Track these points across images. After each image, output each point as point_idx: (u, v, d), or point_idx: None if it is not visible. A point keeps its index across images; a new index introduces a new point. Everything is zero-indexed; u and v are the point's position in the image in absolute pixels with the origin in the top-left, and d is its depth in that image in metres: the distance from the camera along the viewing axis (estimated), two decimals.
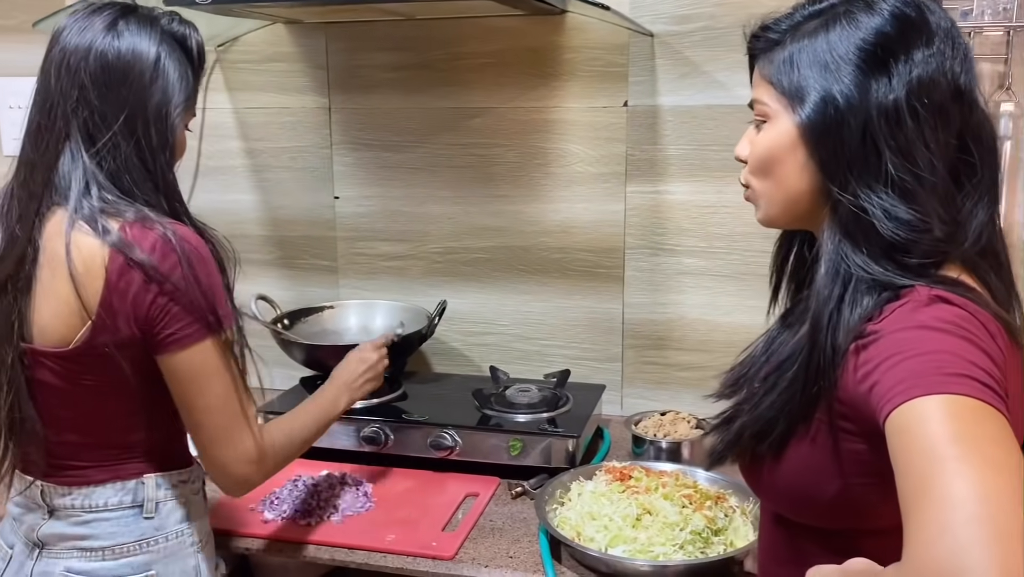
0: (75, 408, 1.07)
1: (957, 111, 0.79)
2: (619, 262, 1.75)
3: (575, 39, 1.69)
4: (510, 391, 1.63)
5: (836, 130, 0.79)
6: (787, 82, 0.82)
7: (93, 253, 1.00)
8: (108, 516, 1.10)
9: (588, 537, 1.21)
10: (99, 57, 1.02)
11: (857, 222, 0.79)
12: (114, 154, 1.02)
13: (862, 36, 0.79)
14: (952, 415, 0.64)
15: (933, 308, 0.73)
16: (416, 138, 1.82)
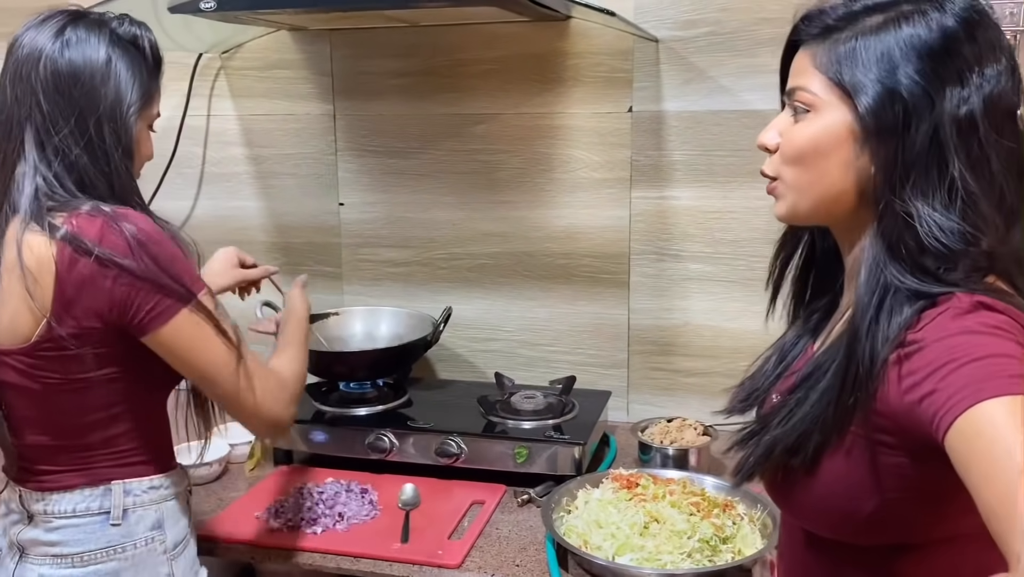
0: (40, 407, 1.08)
1: (1011, 129, 0.77)
2: (624, 268, 1.75)
3: (579, 45, 1.69)
4: (515, 398, 1.62)
5: (901, 131, 0.76)
6: (848, 75, 0.79)
7: (42, 249, 1.01)
8: (76, 522, 1.10)
9: (595, 545, 1.21)
10: (49, 64, 1.04)
11: (905, 230, 0.76)
12: (65, 156, 1.04)
13: (934, 36, 0.76)
14: (1012, 417, 0.63)
15: (977, 314, 0.72)
16: (420, 144, 1.82)
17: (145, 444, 1.13)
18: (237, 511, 1.41)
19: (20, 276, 1.02)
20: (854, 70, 0.78)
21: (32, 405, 1.08)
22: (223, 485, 1.54)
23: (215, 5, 1.41)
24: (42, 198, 1.03)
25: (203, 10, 1.42)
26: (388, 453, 1.52)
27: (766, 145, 0.87)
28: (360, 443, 1.54)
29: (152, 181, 1.92)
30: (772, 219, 1.70)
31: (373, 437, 1.53)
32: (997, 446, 0.63)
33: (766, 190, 0.89)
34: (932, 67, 0.75)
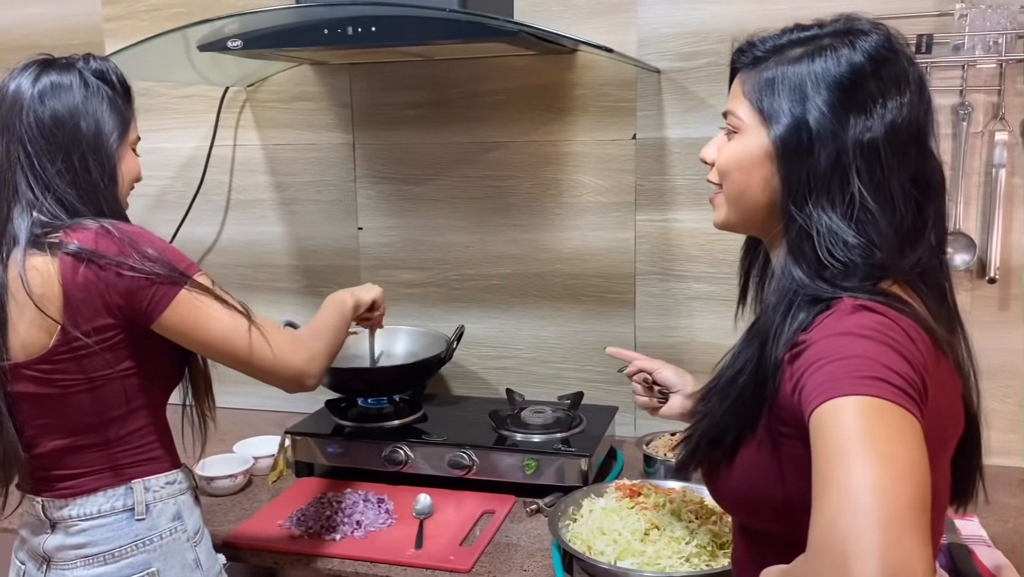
0: (58, 412, 1.15)
1: (915, 155, 0.85)
2: (630, 288, 1.82)
3: (585, 76, 1.77)
4: (525, 412, 1.70)
5: (805, 155, 0.85)
6: (766, 103, 0.88)
7: (45, 266, 1.11)
8: (103, 522, 1.17)
9: (598, 551, 1.27)
10: (31, 113, 1.14)
11: (806, 241, 0.85)
12: (55, 190, 1.14)
13: (842, 71, 0.84)
14: (860, 415, 0.70)
15: (856, 316, 0.78)
16: (435, 171, 1.90)
17: (157, 441, 1.22)
18: (261, 519, 1.49)
19: (27, 297, 1.10)
20: (772, 99, 0.88)
21: (50, 411, 1.16)
22: (247, 496, 1.61)
23: (242, 44, 1.51)
24: (37, 229, 1.12)
25: (230, 48, 1.52)
26: (404, 465, 1.60)
27: (705, 158, 0.99)
28: (377, 456, 1.62)
29: (181, 208, 2.02)
30: None
31: (389, 450, 1.61)
32: (825, 440, 0.70)
33: (709, 199, 1.00)
34: (839, 98, 0.84)
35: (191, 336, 1.15)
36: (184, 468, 1.28)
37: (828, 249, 0.83)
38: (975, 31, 1.51)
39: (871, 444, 0.67)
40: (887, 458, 0.66)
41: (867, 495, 0.64)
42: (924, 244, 0.86)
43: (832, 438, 0.70)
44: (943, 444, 0.85)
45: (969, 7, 1.50)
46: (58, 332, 1.11)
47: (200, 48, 1.56)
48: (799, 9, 1.59)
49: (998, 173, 1.57)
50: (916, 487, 0.66)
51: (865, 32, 0.87)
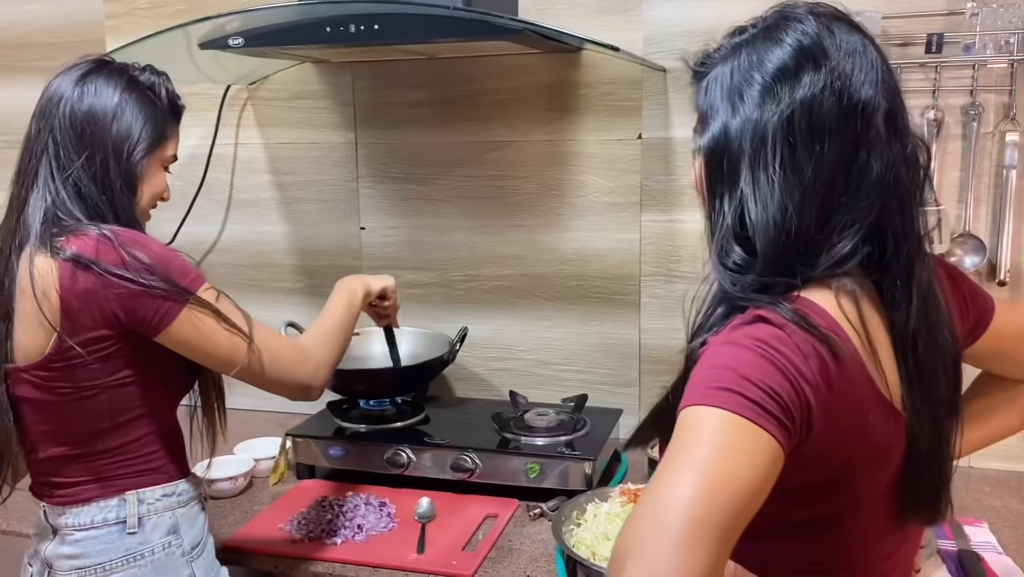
0: (56, 419, 1.14)
1: (851, 131, 0.79)
2: (635, 289, 1.80)
3: (590, 75, 1.75)
4: (529, 415, 1.68)
5: (719, 155, 0.82)
6: (700, 111, 0.86)
7: (46, 268, 1.09)
8: (95, 533, 1.15)
9: (603, 557, 1.25)
10: (67, 105, 1.14)
11: (711, 237, 0.84)
12: (75, 187, 1.13)
13: (761, 66, 0.81)
14: (699, 425, 0.70)
15: (750, 326, 0.76)
16: (438, 171, 1.89)
17: (159, 450, 1.19)
18: (262, 523, 1.47)
19: (32, 297, 1.09)
20: (703, 105, 0.86)
21: (48, 418, 1.14)
22: (248, 498, 1.60)
23: (243, 41, 1.50)
24: (49, 223, 1.11)
25: (231, 46, 1.50)
26: (406, 468, 1.58)
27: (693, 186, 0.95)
28: (379, 458, 1.60)
29: (182, 207, 2.01)
30: None
31: (391, 453, 1.59)
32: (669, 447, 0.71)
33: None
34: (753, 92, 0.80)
35: (192, 349, 1.14)
36: (192, 477, 1.25)
37: (723, 246, 0.81)
38: (986, 30, 1.49)
39: (694, 455, 0.68)
40: (701, 470, 0.67)
41: (665, 504, 0.66)
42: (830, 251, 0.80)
43: (674, 444, 0.71)
44: (857, 461, 0.80)
45: (980, 6, 1.48)
46: (54, 339, 1.10)
47: (201, 46, 1.55)
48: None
49: (1008, 174, 1.55)
50: (722, 504, 0.66)
51: (790, 21, 0.82)
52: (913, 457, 0.84)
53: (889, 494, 0.85)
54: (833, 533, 0.83)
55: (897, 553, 0.90)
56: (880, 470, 0.83)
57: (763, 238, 0.79)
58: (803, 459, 0.74)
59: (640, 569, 0.63)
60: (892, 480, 0.84)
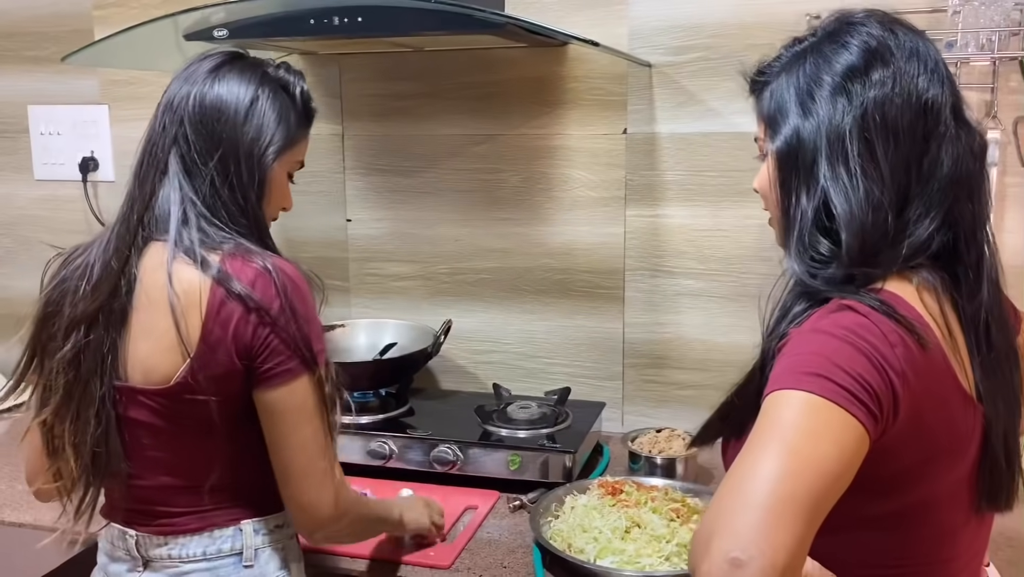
0: (171, 449, 1.06)
1: (921, 126, 0.84)
2: (619, 283, 1.81)
3: (576, 69, 1.76)
4: (511, 408, 1.69)
5: (793, 156, 0.86)
6: (768, 117, 0.90)
7: (193, 285, 1.01)
8: (207, 566, 1.08)
9: (578, 548, 1.26)
10: (198, 97, 1.07)
11: (791, 234, 0.87)
12: (211, 189, 1.05)
13: (830, 68, 0.85)
14: (790, 408, 0.72)
15: (836, 315, 0.79)
16: (425, 163, 1.89)
17: (267, 483, 1.09)
18: None
19: (167, 311, 1.00)
20: (771, 111, 0.89)
21: (164, 445, 1.06)
22: None
23: (227, 33, 1.50)
24: (192, 228, 1.03)
25: (216, 38, 1.50)
26: (388, 459, 1.59)
27: (755, 188, 0.97)
28: (361, 450, 1.61)
29: None
30: (761, 237, 1.78)
31: (374, 444, 1.60)
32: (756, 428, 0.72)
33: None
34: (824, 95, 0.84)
35: (275, 420, 1.04)
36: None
37: (807, 240, 0.84)
38: (968, 28, 1.49)
39: (785, 436, 0.70)
40: (791, 451, 0.69)
41: (753, 481, 0.67)
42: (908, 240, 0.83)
43: (760, 426, 0.72)
44: (939, 451, 0.82)
45: (963, 4, 1.49)
46: (186, 367, 1.01)
47: (186, 37, 1.55)
48: (790, 3, 1.59)
49: (990, 172, 1.55)
50: (807, 483, 0.67)
51: (852, 25, 0.87)
52: (989, 445, 0.86)
53: (966, 485, 0.86)
54: (910, 527, 0.84)
55: (971, 548, 0.91)
56: (958, 461, 0.84)
57: (848, 228, 0.82)
58: (886, 448, 0.76)
59: (728, 543, 0.65)
60: (968, 471, 0.86)
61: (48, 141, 2.12)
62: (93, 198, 2.10)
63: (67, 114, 2.10)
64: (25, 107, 2.12)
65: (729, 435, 0.93)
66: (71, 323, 1.05)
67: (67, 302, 1.06)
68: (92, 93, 2.07)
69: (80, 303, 1.05)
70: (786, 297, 0.86)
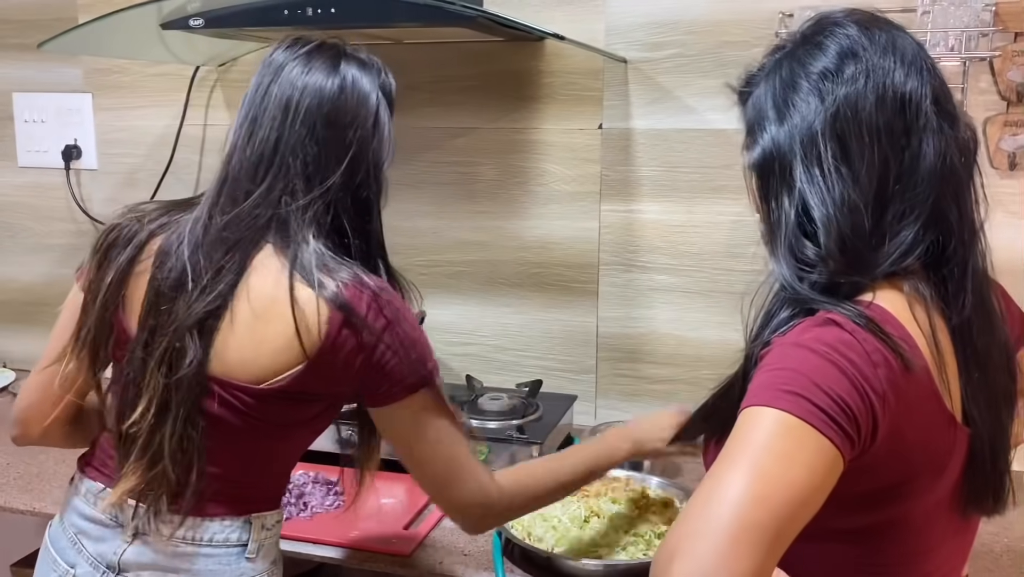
0: (230, 442, 1.03)
1: (900, 122, 0.80)
2: (594, 277, 1.82)
3: (553, 64, 1.77)
4: (482, 399, 1.70)
5: (770, 163, 0.84)
6: (748, 127, 0.89)
7: (311, 306, 0.98)
8: (211, 552, 1.05)
9: (537, 537, 1.28)
10: (331, 100, 1.01)
11: (773, 237, 0.85)
12: (335, 199, 1.02)
13: (805, 71, 0.84)
14: (762, 427, 0.70)
15: (820, 329, 0.76)
16: (403, 156, 1.88)
17: (284, 476, 1.13)
18: None
19: (285, 320, 0.97)
20: (750, 120, 0.88)
21: (221, 438, 1.02)
22: None
23: (203, 22, 1.51)
24: (311, 245, 0.99)
25: (192, 27, 1.52)
26: None
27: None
28: (331, 438, 1.61)
29: (150, 187, 2.02)
30: (733, 233, 1.79)
31: (345, 432, 1.60)
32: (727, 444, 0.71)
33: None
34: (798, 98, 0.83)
35: (399, 434, 1.06)
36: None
37: (792, 245, 0.82)
38: (938, 28, 1.50)
39: (755, 457, 0.68)
40: (760, 474, 0.67)
41: (719, 504, 0.66)
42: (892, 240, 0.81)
43: (731, 442, 0.71)
44: (917, 473, 0.80)
45: (932, 4, 1.50)
46: (296, 372, 0.99)
47: (163, 26, 1.56)
48: (765, 0, 1.60)
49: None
50: (773, 510, 0.66)
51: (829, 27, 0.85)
52: (975, 455, 0.83)
53: (946, 502, 0.84)
54: (883, 541, 0.82)
55: (951, 561, 0.89)
56: (938, 481, 0.82)
57: (826, 230, 0.79)
58: (862, 469, 0.74)
59: (687, 568, 0.63)
60: (950, 490, 0.84)
61: (32, 128, 2.14)
62: (76, 185, 2.12)
63: (51, 102, 2.11)
64: (10, 94, 2.13)
65: (711, 435, 0.91)
66: (180, 327, 0.99)
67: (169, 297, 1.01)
68: (76, 81, 2.09)
69: (192, 306, 1.00)
70: (771, 303, 0.84)
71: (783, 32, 1.59)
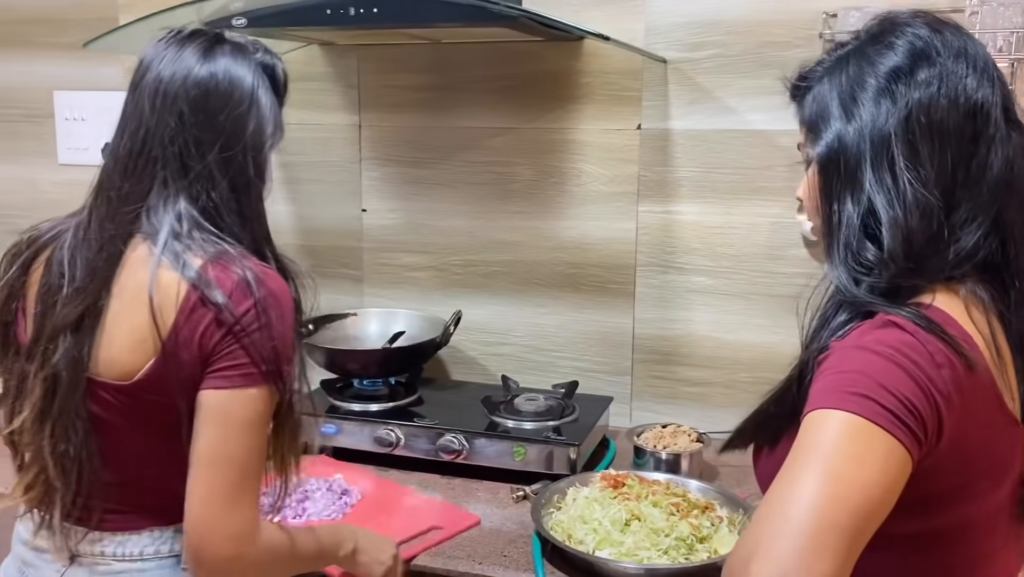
0: (116, 442, 1.01)
1: (969, 128, 0.81)
2: (630, 278, 1.81)
3: (591, 64, 1.76)
4: (518, 400, 1.70)
5: (836, 161, 0.84)
6: (810, 123, 0.88)
7: (170, 287, 0.96)
8: (144, 566, 1.03)
9: (578, 540, 1.27)
10: (198, 84, 0.99)
11: (833, 239, 0.84)
12: (208, 185, 1.00)
13: (874, 70, 0.83)
14: (832, 429, 0.70)
15: (881, 331, 0.76)
16: (440, 155, 1.90)
17: None
18: None
19: (144, 309, 0.95)
20: (812, 117, 0.87)
21: (112, 442, 1.00)
22: None
23: (246, 22, 1.52)
24: (183, 232, 0.98)
25: (235, 26, 1.52)
26: (395, 447, 1.60)
27: (798, 196, 0.95)
28: (369, 436, 1.63)
29: None
30: (772, 235, 1.77)
31: (381, 431, 1.61)
32: (796, 446, 0.71)
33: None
34: (868, 98, 0.82)
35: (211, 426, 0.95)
36: None
37: (853, 247, 0.81)
38: (986, 29, 1.48)
39: (827, 460, 0.68)
40: (834, 476, 0.67)
41: (795, 507, 0.66)
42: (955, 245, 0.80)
43: (800, 445, 0.71)
44: (979, 475, 0.80)
45: (981, 4, 1.47)
46: (153, 362, 0.96)
47: (206, 25, 1.57)
48: (808, 1, 1.59)
49: None
50: (850, 510, 0.66)
51: (898, 26, 0.85)
52: None
53: (1007, 507, 0.84)
54: (945, 546, 0.82)
55: (1007, 569, 0.89)
56: (999, 484, 0.82)
57: (893, 234, 0.79)
58: (926, 471, 0.74)
59: (768, 569, 0.64)
60: (1010, 493, 0.83)
61: (72, 126, 2.16)
62: None
63: (91, 99, 2.13)
64: (51, 92, 2.16)
65: (763, 443, 0.91)
66: (55, 330, 0.99)
67: (48, 303, 1.01)
68: (116, 79, 2.10)
69: (66, 307, 0.99)
70: (827, 306, 0.84)
71: (827, 32, 1.58)
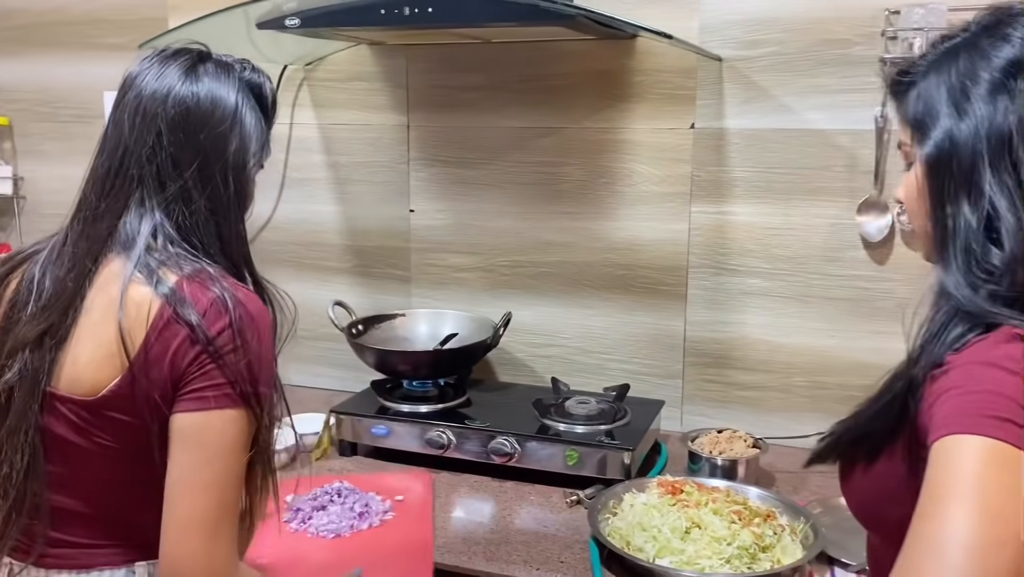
0: (83, 469, 0.96)
1: None
2: (682, 280, 1.78)
3: (644, 63, 1.73)
4: (569, 402, 1.68)
5: (947, 161, 0.79)
6: (914, 120, 0.84)
7: (142, 302, 0.93)
8: None
9: (637, 547, 1.25)
10: (178, 103, 0.98)
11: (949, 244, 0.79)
12: (185, 203, 0.98)
13: (989, 64, 0.79)
14: (976, 457, 0.65)
15: (1009, 346, 0.72)
16: (488, 155, 1.89)
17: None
18: None
19: (114, 324, 0.93)
20: (918, 113, 0.82)
21: (73, 464, 0.96)
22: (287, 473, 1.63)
23: (299, 22, 1.51)
24: (157, 250, 0.96)
25: (288, 27, 1.52)
26: (446, 449, 1.60)
27: (897, 198, 0.92)
28: (419, 438, 1.62)
29: None
30: (830, 236, 1.74)
31: (432, 433, 1.61)
32: (936, 476, 0.67)
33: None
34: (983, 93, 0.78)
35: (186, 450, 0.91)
36: None
37: (966, 249, 0.77)
38: None
39: (978, 493, 0.63)
40: (991, 513, 0.62)
41: (958, 552, 0.61)
42: None
43: (941, 477, 0.66)
44: None
45: None
46: (117, 381, 0.93)
47: (258, 26, 1.57)
48: None
49: None
50: (1015, 551, 0.61)
51: (1014, 17, 0.80)
52: None
53: None
54: None
55: None
56: None
57: (1017, 238, 0.75)
58: None
59: None
60: None
61: None
62: None
63: None
64: (101, 93, 2.17)
65: (859, 460, 0.87)
66: (14, 346, 0.97)
67: (13, 319, 0.99)
68: None
69: (28, 324, 0.96)
70: (939, 317, 0.78)
71: (890, 30, 1.54)
